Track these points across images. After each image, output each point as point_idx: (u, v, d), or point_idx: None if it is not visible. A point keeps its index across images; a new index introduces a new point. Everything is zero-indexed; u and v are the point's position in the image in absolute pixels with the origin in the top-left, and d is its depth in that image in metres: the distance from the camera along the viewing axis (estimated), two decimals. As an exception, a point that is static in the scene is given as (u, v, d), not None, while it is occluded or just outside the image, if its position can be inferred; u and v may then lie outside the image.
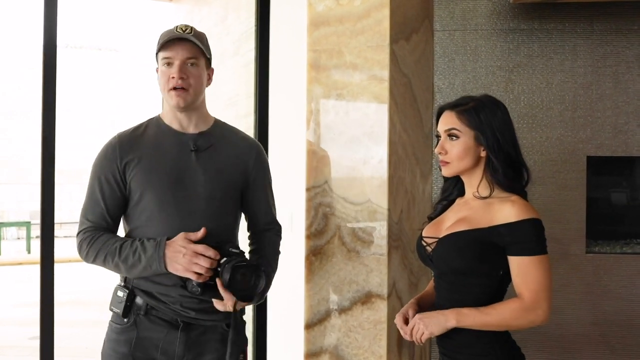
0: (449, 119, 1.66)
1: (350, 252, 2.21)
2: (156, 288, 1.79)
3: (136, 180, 1.80)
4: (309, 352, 2.25)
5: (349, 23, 2.21)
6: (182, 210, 1.79)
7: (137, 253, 1.74)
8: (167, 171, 1.80)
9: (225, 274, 1.68)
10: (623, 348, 2.66)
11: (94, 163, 1.85)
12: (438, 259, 1.65)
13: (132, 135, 1.86)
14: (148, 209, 1.80)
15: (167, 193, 1.79)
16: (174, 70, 1.79)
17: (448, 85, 2.74)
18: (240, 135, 1.99)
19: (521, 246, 1.55)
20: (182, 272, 1.71)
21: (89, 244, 1.79)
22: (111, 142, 1.85)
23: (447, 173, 1.69)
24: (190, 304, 1.79)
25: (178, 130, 1.86)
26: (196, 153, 1.84)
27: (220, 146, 1.88)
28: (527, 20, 2.72)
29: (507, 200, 1.59)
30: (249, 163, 1.92)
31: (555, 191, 2.69)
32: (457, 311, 1.58)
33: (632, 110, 2.68)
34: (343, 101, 2.22)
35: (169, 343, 1.78)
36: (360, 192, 2.20)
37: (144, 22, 14.51)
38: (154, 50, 1.88)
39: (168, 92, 1.81)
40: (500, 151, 1.62)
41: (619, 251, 2.75)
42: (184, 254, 1.70)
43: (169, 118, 1.88)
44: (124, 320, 1.79)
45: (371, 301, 2.17)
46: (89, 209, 1.82)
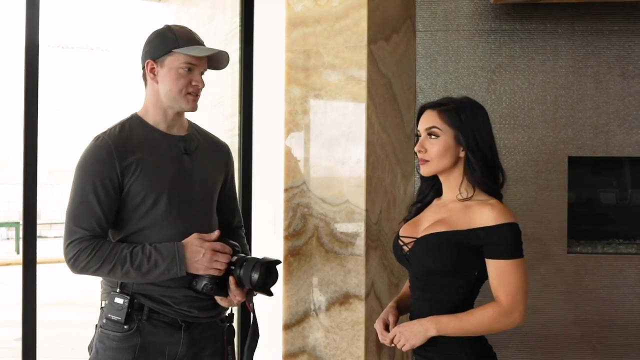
0: (430, 118, 1.67)
1: (328, 253, 2.21)
2: (160, 291, 1.78)
3: (137, 184, 1.76)
4: (287, 352, 2.25)
5: (327, 23, 2.21)
6: (185, 212, 1.82)
7: (153, 258, 1.72)
8: (168, 174, 1.81)
9: (254, 273, 1.74)
10: (604, 348, 2.67)
11: (82, 167, 1.77)
12: (414, 258, 1.66)
13: (122, 136, 1.80)
14: (151, 212, 1.78)
15: (171, 196, 1.79)
16: (198, 78, 1.84)
17: (430, 86, 2.74)
18: (212, 136, 2.03)
19: (499, 249, 1.57)
20: (203, 271, 1.74)
21: (90, 254, 1.70)
22: (102, 144, 1.77)
23: (426, 172, 1.69)
24: (195, 303, 1.81)
25: (164, 131, 1.86)
26: (187, 156, 1.85)
27: (203, 148, 1.92)
28: (508, 21, 2.72)
29: (485, 204, 1.60)
30: (226, 163, 2.00)
31: (537, 191, 2.70)
32: (436, 320, 1.59)
33: (612, 110, 2.69)
34: (321, 101, 2.21)
35: (173, 345, 1.79)
36: (338, 193, 2.20)
37: (133, 22, 14.48)
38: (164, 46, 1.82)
39: (184, 96, 1.82)
40: (478, 152, 1.63)
41: (601, 251, 2.75)
42: (203, 253, 1.74)
43: (156, 118, 1.85)
44: (124, 328, 1.74)
45: (349, 302, 2.16)
46: (81, 215, 1.73)
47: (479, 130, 1.64)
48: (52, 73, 14.92)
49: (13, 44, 15.10)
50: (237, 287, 1.78)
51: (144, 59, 1.85)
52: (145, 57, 1.85)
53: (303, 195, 2.23)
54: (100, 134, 1.82)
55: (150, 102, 1.86)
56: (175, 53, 1.80)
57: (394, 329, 1.65)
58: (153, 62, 1.82)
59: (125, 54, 15.90)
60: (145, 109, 1.88)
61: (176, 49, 1.80)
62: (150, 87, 1.85)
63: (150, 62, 1.83)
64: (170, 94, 1.82)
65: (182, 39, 1.82)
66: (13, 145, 14.91)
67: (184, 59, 1.80)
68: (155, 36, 1.85)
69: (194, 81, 1.82)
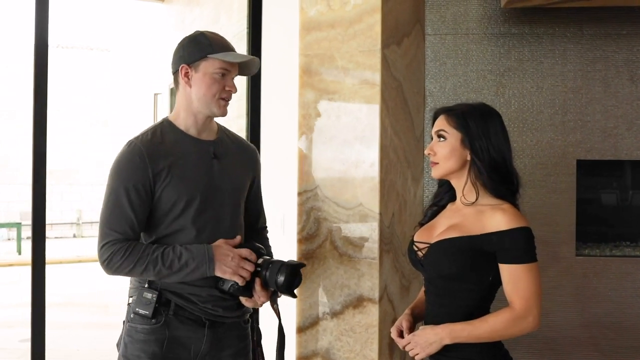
0: (439, 122, 1.72)
1: (342, 256, 2.22)
2: (187, 289, 1.84)
3: (169, 190, 1.81)
4: (301, 355, 2.26)
5: (340, 28, 2.22)
6: (214, 217, 1.87)
7: (183, 258, 1.77)
8: (198, 180, 1.85)
9: (280, 275, 1.80)
10: (612, 350, 2.68)
11: (116, 171, 1.82)
12: (428, 264, 1.67)
13: (154, 142, 1.84)
14: (181, 217, 1.83)
15: (201, 202, 1.84)
16: (231, 83, 1.88)
17: (439, 89, 2.76)
18: (241, 139, 2.09)
19: (512, 254, 1.57)
20: (229, 275, 1.80)
21: (124, 256, 1.77)
22: (135, 150, 1.82)
23: (436, 174, 1.72)
24: (220, 302, 1.87)
25: (195, 136, 1.90)
26: (217, 161, 1.89)
27: (232, 153, 1.97)
28: (517, 25, 2.73)
29: (498, 209, 1.61)
30: (254, 166, 2.06)
31: (546, 194, 2.71)
32: (450, 329, 1.60)
33: (621, 114, 2.71)
34: (335, 105, 2.23)
35: (197, 341, 1.84)
36: (351, 196, 2.21)
37: (136, 22, 14.47)
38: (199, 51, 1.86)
39: (217, 100, 1.86)
40: (485, 155, 1.64)
41: (608, 254, 2.77)
42: (232, 257, 1.81)
43: (187, 124, 1.89)
44: (151, 321, 1.80)
45: (363, 305, 2.18)
46: (115, 219, 1.79)
47: (488, 134, 1.65)
48: (51, 73, 14.91)
49: (14, 44, 15.08)
50: (262, 288, 1.84)
51: (178, 64, 1.88)
52: (179, 62, 1.88)
53: (317, 198, 2.24)
54: (132, 139, 1.87)
55: (182, 106, 1.90)
56: (210, 58, 1.84)
57: (408, 337, 1.67)
58: (187, 66, 1.86)
59: (126, 55, 15.89)
60: (177, 114, 1.91)
61: (211, 54, 1.84)
62: (183, 91, 1.89)
63: (185, 66, 1.86)
64: (204, 99, 1.85)
65: (216, 44, 1.86)
66: (13, 145, 14.89)
67: (218, 65, 1.84)
68: (189, 41, 1.89)
69: (227, 86, 1.87)
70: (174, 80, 1.92)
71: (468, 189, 1.67)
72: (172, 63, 1.92)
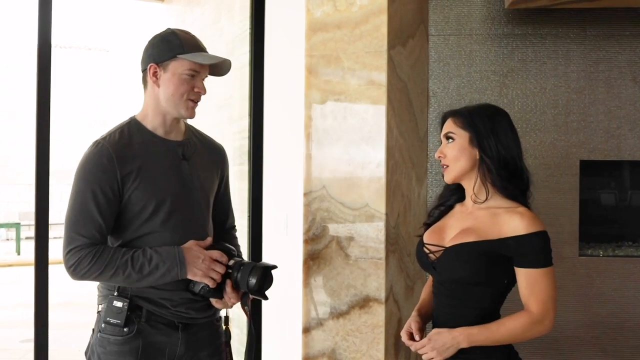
0: (448, 124, 1.73)
1: (348, 257, 2.22)
2: (159, 294, 1.79)
3: (138, 192, 1.77)
4: (307, 355, 2.26)
5: (346, 29, 2.23)
6: (185, 219, 1.83)
7: (154, 262, 1.73)
8: (168, 182, 1.81)
9: (251, 277, 1.78)
10: (615, 350, 2.69)
11: (82, 173, 1.76)
12: (443, 268, 1.66)
13: (122, 142, 1.79)
14: (152, 220, 1.78)
15: (171, 204, 1.80)
16: (201, 85, 1.83)
17: (443, 90, 2.76)
18: (209, 139, 2.04)
19: (530, 258, 1.58)
20: (200, 277, 1.77)
21: (92, 261, 1.71)
22: (102, 151, 1.76)
23: (448, 178, 1.71)
24: (192, 304, 1.83)
25: (163, 137, 1.85)
26: (186, 161, 1.86)
27: (200, 152, 1.93)
28: (521, 26, 2.74)
29: (514, 212, 1.61)
30: (222, 166, 2.02)
31: (549, 195, 2.72)
32: (467, 332, 1.60)
33: (624, 115, 2.72)
34: (341, 106, 2.23)
35: (172, 345, 1.81)
36: (358, 197, 2.21)
37: (135, 22, 14.45)
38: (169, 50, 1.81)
39: (185, 102, 1.81)
40: (494, 152, 1.64)
41: (611, 254, 2.78)
42: (202, 259, 1.77)
43: (155, 123, 1.85)
44: (124, 331, 1.75)
45: (369, 305, 2.18)
46: (81, 223, 1.73)
47: (496, 132, 1.66)
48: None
49: (14, 45, 15.05)
50: (233, 290, 1.82)
51: (147, 62, 1.83)
52: (147, 60, 1.83)
53: (323, 199, 2.25)
54: (99, 139, 1.80)
55: (150, 106, 1.85)
56: (179, 59, 1.79)
57: (423, 341, 1.65)
58: (156, 65, 1.81)
59: (125, 55, 15.87)
60: (144, 113, 1.86)
61: (181, 54, 1.79)
62: (151, 91, 1.84)
63: (154, 65, 1.81)
64: (172, 99, 1.81)
65: (187, 44, 1.81)
66: (13, 145, 14.88)
67: (188, 65, 1.79)
68: (159, 40, 1.83)
69: (196, 87, 1.82)
70: (142, 78, 1.86)
71: (478, 188, 1.67)
72: (140, 61, 1.86)
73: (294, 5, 2.62)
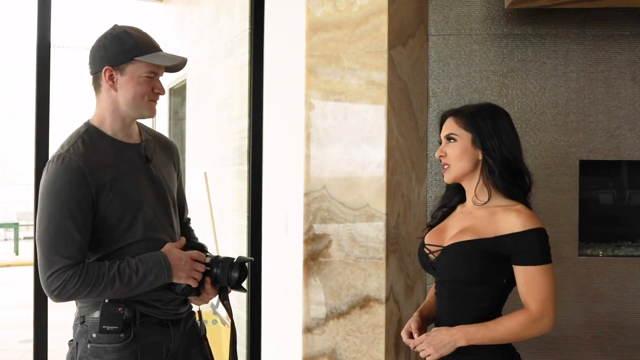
0: (448, 125, 1.71)
1: (348, 257, 2.22)
2: (151, 295, 1.77)
3: (114, 205, 1.71)
4: (307, 355, 2.26)
5: (347, 29, 2.23)
6: (163, 222, 1.81)
7: (141, 271, 1.70)
8: (141, 188, 1.77)
9: (234, 272, 1.78)
10: (615, 349, 2.69)
11: (53, 192, 1.66)
12: (441, 267, 1.67)
13: (88, 154, 1.71)
14: (131, 230, 1.74)
15: (148, 211, 1.77)
16: (160, 85, 1.79)
17: (442, 90, 2.76)
18: (161, 135, 2.00)
19: (527, 256, 1.57)
20: (185, 280, 1.76)
21: (78, 281, 1.64)
22: (71, 166, 1.67)
23: (448, 178, 1.71)
24: (178, 301, 1.84)
25: (124, 141, 1.79)
26: (150, 163, 1.82)
27: (159, 152, 1.89)
28: (520, 26, 2.74)
29: (511, 210, 1.61)
30: (177, 162, 1.99)
31: (549, 194, 2.72)
32: (465, 330, 1.59)
33: (623, 114, 2.72)
34: (341, 106, 2.23)
35: (167, 341, 1.81)
36: (358, 197, 2.21)
37: (134, 22, 14.43)
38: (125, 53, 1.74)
39: (148, 103, 1.77)
40: (498, 153, 1.64)
41: (611, 254, 2.78)
42: (185, 261, 1.75)
43: (114, 128, 1.78)
44: (121, 336, 1.72)
45: (369, 305, 2.18)
46: (61, 244, 1.64)
47: (499, 133, 1.66)
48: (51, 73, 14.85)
49: (13, 44, 15.03)
50: (212, 286, 1.81)
51: (100, 65, 1.74)
52: (101, 63, 1.74)
53: (323, 199, 2.25)
54: (63, 153, 1.70)
55: (107, 110, 1.77)
56: (137, 61, 1.73)
57: (422, 337, 1.65)
58: (112, 69, 1.73)
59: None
60: (101, 118, 1.79)
61: (138, 56, 1.73)
62: (107, 94, 1.76)
63: (109, 68, 1.73)
64: (133, 102, 1.75)
65: (143, 45, 1.75)
66: (12, 145, 14.86)
67: (147, 68, 1.74)
68: (111, 40, 1.75)
69: (156, 88, 1.77)
70: (94, 81, 1.78)
71: (480, 189, 1.67)
72: (91, 63, 1.77)
73: (294, 5, 2.62)
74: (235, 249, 3.76)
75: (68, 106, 15.54)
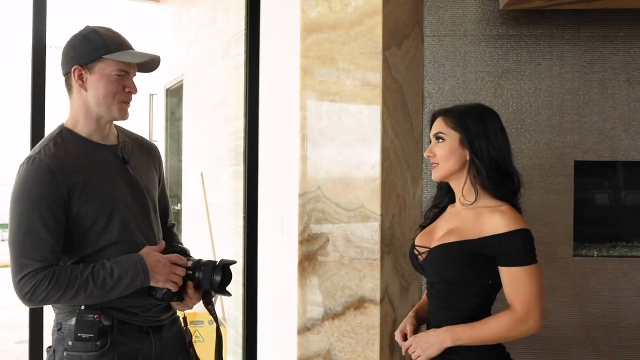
0: (437, 124, 1.73)
1: (343, 257, 2.23)
2: (128, 302, 1.73)
3: (87, 206, 1.67)
4: (302, 356, 2.27)
5: (341, 30, 2.23)
6: (139, 224, 1.78)
7: (115, 274, 1.65)
8: (116, 189, 1.74)
9: (216, 275, 1.73)
10: (610, 350, 2.70)
11: (22, 193, 1.64)
12: (428, 268, 1.68)
13: (59, 155, 1.68)
14: (106, 232, 1.70)
15: (124, 211, 1.74)
16: (132, 84, 1.75)
17: (438, 90, 2.77)
18: (141, 138, 1.97)
19: (511, 257, 1.58)
20: (163, 283, 1.71)
21: (49, 285, 1.60)
22: (41, 167, 1.64)
23: (436, 176, 1.72)
24: (159, 307, 1.80)
25: (99, 142, 1.76)
26: (127, 165, 1.79)
27: (137, 154, 1.86)
28: (515, 27, 2.75)
29: (496, 210, 1.61)
30: (159, 164, 1.96)
31: (543, 195, 2.73)
32: (452, 330, 1.60)
33: (618, 115, 2.72)
34: (336, 107, 2.24)
35: (147, 350, 1.77)
36: (353, 198, 2.22)
37: (130, 23, 14.45)
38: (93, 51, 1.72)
39: (118, 104, 1.73)
40: (485, 154, 1.65)
41: (606, 254, 2.79)
42: (163, 264, 1.71)
43: (88, 129, 1.75)
44: (97, 345, 1.67)
45: (364, 306, 2.19)
46: (31, 247, 1.61)
47: (487, 134, 1.66)
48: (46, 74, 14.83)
49: (11, 45, 15.01)
50: (195, 290, 1.76)
51: (70, 65, 1.72)
52: (70, 63, 1.72)
53: (318, 200, 2.25)
54: (33, 155, 1.68)
55: (80, 112, 1.75)
56: (105, 59, 1.70)
57: (410, 339, 1.67)
58: (81, 68, 1.71)
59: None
60: (74, 120, 1.76)
61: (107, 54, 1.70)
62: (78, 95, 1.74)
63: (78, 68, 1.71)
64: (103, 102, 1.72)
65: (112, 43, 1.72)
66: (9, 146, 14.83)
67: (116, 66, 1.71)
68: (80, 40, 1.73)
69: (127, 87, 1.74)
70: (66, 82, 1.76)
71: (467, 189, 1.67)
72: (62, 64, 1.76)
73: (290, 5, 2.62)
74: (232, 250, 3.76)
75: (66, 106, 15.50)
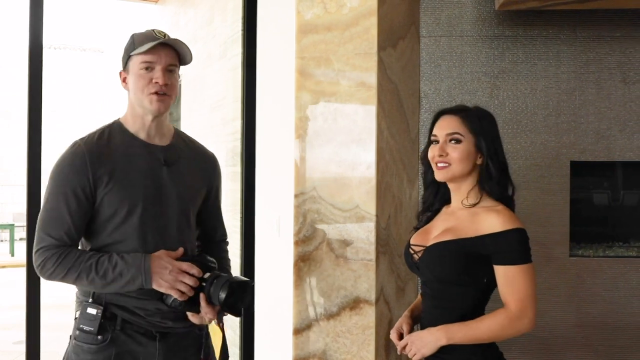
0: (452, 123, 1.68)
1: (338, 258, 2.23)
2: (133, 302, 1.75)
3: (111, 196, 1.72)
4: (297, 357, 2.27)
5: (337, 31, 2.23)
6: (159, 226, 1.78)
7: (118, 268, 1.68)
8: (143, 187, 1.76)
9: (222, 292, 1.68)
10: (606, 350, 2.70)
11: (56, 173, 1.74)
12: (424, 267, 1.69)
13: (99, 144, 1.76)
14: (124, 226, 1.74)
15: (145, 210, 1.75)
16: (158, 75, 1.77)
17: (434, 91, 2.77)
18: (199, 146, 2.00)
19: (506, 256, 1.58)
20: (166, 289, 1.71)
21: (56, 262, 1.69)
22: (76, 151, 1.74)
23: (445, 176, 1.68)
24: (168, 314, 1.78)
25: (145, 140, 1.82)
26: (167, 167, 1.81)
27: (186, 159, 1.88)
28: (511, 27, 2.75)
29: (492, 210, 1.62)
30: (211, 175, 1.97)
31: (540, 195, 2.73)
32: (446, 329, 1.61)
33: (613, 116, 2.73)
34: (331, 108, 2.24)
35: (150, 355, 1.76)
36: (348, 198, 2.22)
37: (129, 23, 14.44)
38: (122, 51, 1.86)
39: (148, 96, 1.77)
40: (497, 159, 1.65)
41: (602, 254, 2.79)
42: (170, 270, 1.70)
43: (135, 127, 1.82)
44: (97, 339, 1.71)
45: (359, 307, 2.19)
46: (51, 223, 1.71)
47: (498, 139, 1.69)
48: (44, 74, 14.83)
49: (8, 45, 15.01)
50: (207, 304, 1.73)
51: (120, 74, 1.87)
52: None
53: (313, 201, 2.25)
54: (77, 140, 1.79)
55: (129, 110, 1.85)
56: (132, 56, 1.80)
57: (406, 338, 1.69)
58: (122, 72, 1.85)
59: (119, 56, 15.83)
60: (126, 117, 1.86)
61: (133, 52, 1.79)
62: (128, 96, 1.85)
63: (122, 72, 1.85)
64: (135, 97, 1.79)
65: (138, 40, 1.80)
66: (6, 146, 14.83)
67: (140, 59, 1.78)
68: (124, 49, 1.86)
69: (154, 79, 1.77)
70: None
71: (474, 193, 1.67)
72: None
73: (285, 6, 2.62)
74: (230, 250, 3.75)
75: (64, 107, 15.51)
